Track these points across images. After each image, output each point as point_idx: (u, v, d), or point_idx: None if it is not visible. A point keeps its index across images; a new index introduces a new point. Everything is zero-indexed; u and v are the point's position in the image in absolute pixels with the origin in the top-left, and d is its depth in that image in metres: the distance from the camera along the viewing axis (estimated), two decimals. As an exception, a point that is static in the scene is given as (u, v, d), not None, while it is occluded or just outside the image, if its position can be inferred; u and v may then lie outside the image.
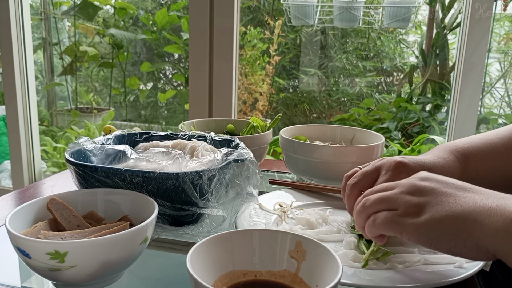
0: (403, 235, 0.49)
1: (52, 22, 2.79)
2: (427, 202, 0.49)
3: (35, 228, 0.54)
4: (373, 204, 0.52)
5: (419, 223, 0.48)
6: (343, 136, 1.00)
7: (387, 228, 0.50)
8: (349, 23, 2.10)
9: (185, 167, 0.65)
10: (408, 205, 0.49)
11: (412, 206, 0.49)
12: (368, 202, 0.53)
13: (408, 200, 0.50)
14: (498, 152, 0.68)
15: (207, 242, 0.48)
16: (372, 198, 0.53)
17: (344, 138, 1.00)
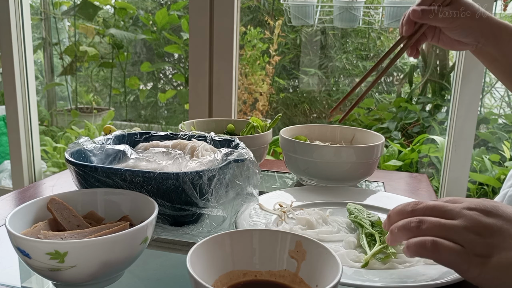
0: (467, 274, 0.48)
1: (52, 22, 2.79)
2: (495, 245, 0.47)
3: (35, 228, 0.54)
4: (431, 228, 0.49)
5: (486, 266, 0.46)
6: (343, 136, 1.00)
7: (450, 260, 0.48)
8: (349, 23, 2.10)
9: (185, 167, 0.65)
10: (473, 245, 0.47)
11: (478, 246, 0.47)
12: (426, 224, 0.49)
13: (473, 240, 0.47)
14: None
15: (207, 242, 0.48)
16: (431, 222, 0.49)
17: (344, 138, 1.00)
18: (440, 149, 2.05)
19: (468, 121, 1.49)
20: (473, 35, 0.77)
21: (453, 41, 0.80)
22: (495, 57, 0.79)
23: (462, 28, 0.76)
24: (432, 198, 0.91)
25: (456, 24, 0.75)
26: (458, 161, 1.53)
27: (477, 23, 0.76)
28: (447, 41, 0.81)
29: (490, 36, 0.77)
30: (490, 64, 0.82)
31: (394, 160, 2.12)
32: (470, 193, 2.01)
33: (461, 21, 0.75)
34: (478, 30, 0.76)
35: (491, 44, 0.77)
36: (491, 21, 0.77)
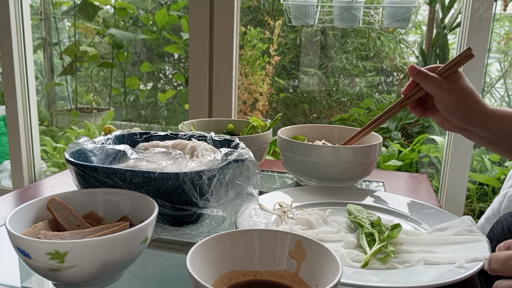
0: None
1: (52, 22, 2.79)
2: None
3: (35, 228, 0.54)
4: None
5: None
6: (342, 136, 1.00)
7: None
8: (349, 23, 2.10)
9: (185, 167, 0.65)
10: None
11: None
12: None
13: None
14: None
15: (207, 242, 0.48)
16: None
17: (343, 138, 1.00)
18: (440, 149, 2.05)
19: (468, 121, 1.49)
20: (460, 117, 0.77)
21: (444, 119, 0.80)
22: (491, 140, 0.78)
23: (449, 105, 0.76)
24: (432, 198, 0.91)
25: (443, 98, 0.76)
26: (458, 161, 1.53)
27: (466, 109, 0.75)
28: (438, 116, 0.82)
29: (478, 124, 0.76)
30: (490, 146, 0.80)
31: (394, 160, 2.12)
32: (470, 193, 2.01)
33: (448, 97, 0.76)
34: (465, 115, 0.76)
35: (481, 130, 0.77)
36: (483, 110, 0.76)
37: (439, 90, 0.76)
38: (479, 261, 0.57)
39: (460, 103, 0.76)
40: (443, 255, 0.59)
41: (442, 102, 0.77)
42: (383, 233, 0.63)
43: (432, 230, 0.67)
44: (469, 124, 0.77)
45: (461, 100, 0.76)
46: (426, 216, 0.74)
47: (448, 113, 0.77)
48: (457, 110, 0.76)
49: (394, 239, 0.63)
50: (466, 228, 0.65)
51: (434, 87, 0.76)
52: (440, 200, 1.59)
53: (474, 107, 0.76)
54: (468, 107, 0.76)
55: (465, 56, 0.78)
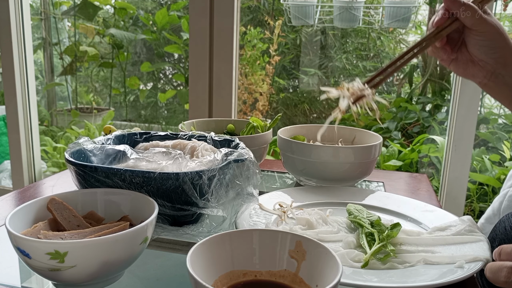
0: None
1: (52, 22, 2.79)
2: None
3: (35, 228, 0.54)
4: None
5: None
6: (341, 136, 1.00)
7: None
8: (349, 23, 2.10)
9: (185, 167, 0.65)
10: None
11: None
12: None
13: None
14: None
15: (207, 242, 0.48)
16: None
17: (343, 138, 1.00)
18: (440, 149, 2.05)
19: (468, 121, 1.49)
20: (494, 53, 0.69)
21: (468, 61, 0.72)
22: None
23: (487, 37, 0.68)
24: (432, 198, 0.91)
25: (482, 29, 0.68)
26: (458, 161, 1.53)
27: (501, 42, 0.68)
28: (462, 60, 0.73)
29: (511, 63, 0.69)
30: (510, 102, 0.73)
31: (394, 160, 2.12)
32: (470, 193, 2.01)
33: (488, 27, 0.67)
34: (500, 50, 0.68)
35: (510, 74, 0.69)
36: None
37: (479, 19, 0.67)
38: (479, 261, 0.57)
39: (499, 37, 0.68)
40: (443, 255, 0.59)
41: (481, 35, 0.68)
42: (383, 233, 0.63)
43: (432, 230, 0.67)
44: (504, 64, 0.69)
45: (500, 34, 0.68)
46: (426, 216, 0.74)
47: (484, 48, 0.69)
48: (496, 45, 0.68)
49: (394, 239, 0.63)
50: (466, 228, 0.65)
51: (473, 16, 0.67)
52: (440, 200, 1.59)
53: (508, 43, 0.68)
54: (506, 43, 0.68)
55: None
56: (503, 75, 0.69)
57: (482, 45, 0.69)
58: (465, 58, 0.72)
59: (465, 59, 0.72)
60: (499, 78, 0.70)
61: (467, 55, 0.72)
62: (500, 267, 0.49)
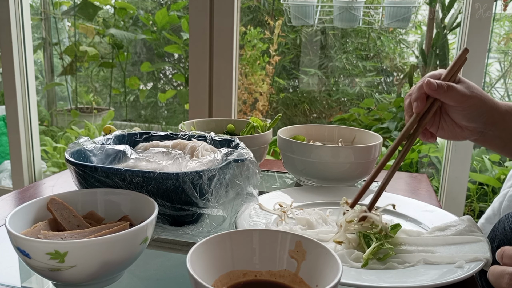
0: None
1: (52, 22, 2.79)
2: None
3: (35, 228, 0.54)
4: None
5: None
6: (341, 136, 1.00)
7: None
8: (349, 23, 2.10)
9: (185, 167, 0.65)
10: None
11: None
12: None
13: None
14: None
15: (207, 242, 0.48)
16: None
17: (343, 138, 1.00)
18: (440, 149, 2.05)
19: (468, 121, 1.49)
20: (482, 119, 0.70)
21: (456, 128, 0.73)
22: (505, 141, 0.73)
23: (474, 108, 0.69)
24: (432, 198, 0.91)
25: (469, 104, 0.69)
26: (458, 161, 1.53)
27: (487, 106, 0.70)
28: (449, 129, 0.74)
29: (499, 120, 0.71)
30: (502, 150, 0.75)
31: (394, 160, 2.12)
32: (470, 193, 2.01)
33: (474, 100, 0.69)
34: (488, 114, 0.70)
35: (500, 129, 0.71)
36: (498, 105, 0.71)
37: (463, 96, 0.68)
38: (479, 261, 0.57)
39: (484, 104, 0.69)
40: (443, 255, 0.59)
41: (466, 109, 0.69)
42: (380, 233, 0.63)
43: (432, 230, 0.67)
44: (492, 123, 0.71)
45: (483, 100, 0.69)
46: (426, 216, 0.74)
47: (471, 119, 0.70)
48: (482, 112, 0.70)
49: (394, 239, 0.63)
50: (466, 228, 0.65)
51: (459, 94, 0.68)
52: (440, 200, 1.59)
53: (492, 104, 0.70)
54: (490, 105, 0.70)
55: (464, 59, 0.72)
56: (493, 131, 0.71)
57: (470, 117, 0.70)
58: (451, 126, 0.73)
59: (451, 127, 0.73)
60: (489, 134, 0.72)
61: (453, 124, 0.73)
62: (501, 273, 0.49)
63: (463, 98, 0.68)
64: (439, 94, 0.69)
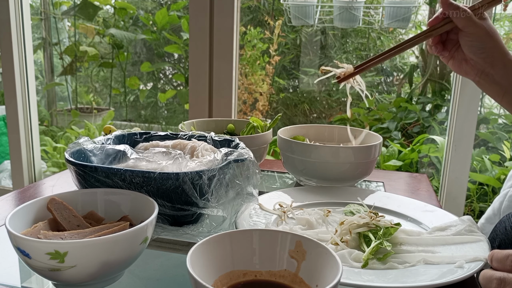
0: None
1: (52, 22, 2.79)
2: None
3: (35, 228, 0.54)
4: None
5: None
6: (341, 136, 1.00)
7: None
8: (349, 23, 2.10)
9: (185, 167, 0.65)
10: None
11: None
12: None
13: None
14: None
15: (207, 242, 0.48)
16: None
17: (343, 138, 1.00)
18: (440, 149, 2.05)
19: (468, 121, 1.49)
20: (482, 54, 0.75)
21: (462, 60, 0.78)
22: (504, 90, 0.76)
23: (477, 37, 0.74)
24: (432, 198, 0.91)
25: (473, 31, 0.74)
26: (458, 161, 1.53)
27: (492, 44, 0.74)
28: (457, 58, 0.79)
29: (499, 63, 0.75)
30: (501, 99, 0.78)
31: (394, 160, 2.12)
32: (470, 193, 2.01)
33: (478, 30, 0.74)
34: (489, 51, 0.74)
35: (498, 74, 0.75)
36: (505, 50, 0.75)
37: (469, 22, 0.74)
38: (479, 261, 0.57)
39: (487, 39, 0.74)
40: (443, 255, 0.59)
41: (470, 36, 0.74)
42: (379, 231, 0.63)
43: (432, 230, 0.67)
44: (491, 64, 0.74)
45: (489, 36, 0.74)
46: (426, 216, 0.74)
47: (473, 48, 0.75)
48: (484, 46, 0.74)
49: (394, 239, 0.63)
50: (466, 228, 0.65)
51: (465, 18, 0.74)
52: (440, 200, 1.59)
53: (499, 47, 0.74)
54: (494, 45, 0.74)
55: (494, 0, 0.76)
56: (492, 74, 0.75)
57: (471, 45, 0.75)
58: (460, 57, 0.79)
59: (460, 58, 0.79)
60: (489, 77, 0.76)
61: (462, 54, 0.78)
62: (490, 278, 0.50)
63: (469, 22, 0.73)
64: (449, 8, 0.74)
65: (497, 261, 0.51)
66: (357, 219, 0.65)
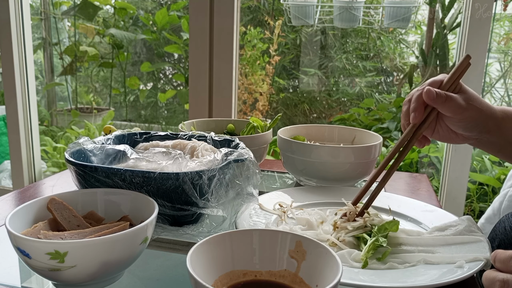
0: None
1: (52, 22, 2.79)
2: None
3: (35, 228, 0.54)
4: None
5: None
6: (342, 136, 1.00)
7: None
8: (349, 23, 2.10)
9: (185, 167, 0.65)
10: None
11: None
12: None
13: None
14: None
15: (207, 242, 0.48)
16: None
17: (343, 138, 1.00)
18: (440, 149, 2.05)
19: (468, 121, 1.49)
20: (478, 129, 0.69)
21: (451, 133, 0.73)
22: (501, 145, 0.73)
23: (470, 120, 0.68)
24: (432, 198, 0.91)
25: (465, 116, 0.68)
26: (458, 161, 1.53)
27: (484, 117, 0.69)
28: (444, 134, 0.73)
29: (494, 128, 0.70)
30: (497, 153, 0.75)
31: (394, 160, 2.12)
32: (470, 193, 2.01)
33: (470, 113, 0.68)
34: (483, 124, 0.69)
35: (495, 135, 0.71)
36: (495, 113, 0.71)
37: (460, 109, 0.67)
38: (479, 261, 0.57)
39: (480, 116, 0.68)
40: (443, 255, 0.59)
41: (462, 121, 0.68)
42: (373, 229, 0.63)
43: (432, 230, 0.67)
44: (487, 131, 0.70)
45: (480, 111, 0.68)
46: (426, 216, 0.74)
47: (467, 129, 0.70)
48: (478, 123, 0.69)
49: (394, 239, 0.63)
50: (466, 228, 0.65)
51: (456, 107, 0.67)
52: (440, 200, 1.59)
53: (490, 113, 0.69)
54: (486, 116, 0.69)
55: (466, 65, 0.69)
56: (488, 138, 0.71)
57: (465, 128, 0.69)
58: (446, 132, 0.73)
59: (446, 133, 0.73)
60: (483, 140, 0.72)
61: (448, 130, 0.72)
62: (493, 280, 0.49)
63: (459, 110, 0.67)
64: (437, 103, 0.67)
65: (500, 261, 0.51)
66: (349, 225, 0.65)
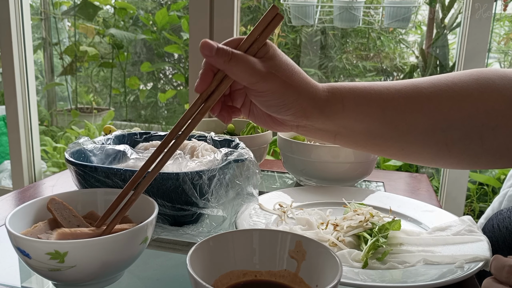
0: None
1: (52, 22, 2.79)
2: None
3: (35, 228, 0.54)
4: None
5: None
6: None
7: None
8: (349, 23, 2.10)
9: (185, 167, 0.65)
10: None
11: None
12: None
13: None
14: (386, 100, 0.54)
15: (207, 242, 0.48)
16: None
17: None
18: (440, 149, 2.05)
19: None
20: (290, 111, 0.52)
21: (266, 116, 0.55)
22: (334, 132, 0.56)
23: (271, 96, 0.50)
24: (432, 198, 0.91)
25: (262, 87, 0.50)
26: (458, 161, 1.53)
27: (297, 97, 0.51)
28: (259, 115, 0.56)
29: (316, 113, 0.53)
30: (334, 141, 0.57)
31: (394, 160, 2.12)
32: (470, 193, 2.01)
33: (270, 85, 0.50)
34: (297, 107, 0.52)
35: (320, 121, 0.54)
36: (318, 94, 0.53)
37: (253, 76, 0.49)
38: (479, 261, 0.57)
39: (287, 92, 0.50)
40: (443, 255, 0.59)
41: (261, 95, 0.51)
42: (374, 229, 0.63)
43: (432, 230, 0.67)
44: (304, 116, 0.53)
45: (288, 86, 0.50)
46: (426, 216, 0.74)
47: (271, 108, 0.52)
48: (285, 102, 0.51)
49: (394, 239, 0.63)
50: (466, 228, 0.65)
51: (247, 72, 0.48)
52: (440, 200, 1.59)
53: (305, 92, 0.52)
54: (298, 94, 0.51)
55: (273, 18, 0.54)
56: (310, 125, 0.55)
57: (267, 105, 0.52)
58: (261, 113, 0.55)
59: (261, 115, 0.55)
60: (307, 127, 0.55)
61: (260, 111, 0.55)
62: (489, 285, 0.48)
63: (252, 77, 0.49)
64: (217, 62, 0.48)
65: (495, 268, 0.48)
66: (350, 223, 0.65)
